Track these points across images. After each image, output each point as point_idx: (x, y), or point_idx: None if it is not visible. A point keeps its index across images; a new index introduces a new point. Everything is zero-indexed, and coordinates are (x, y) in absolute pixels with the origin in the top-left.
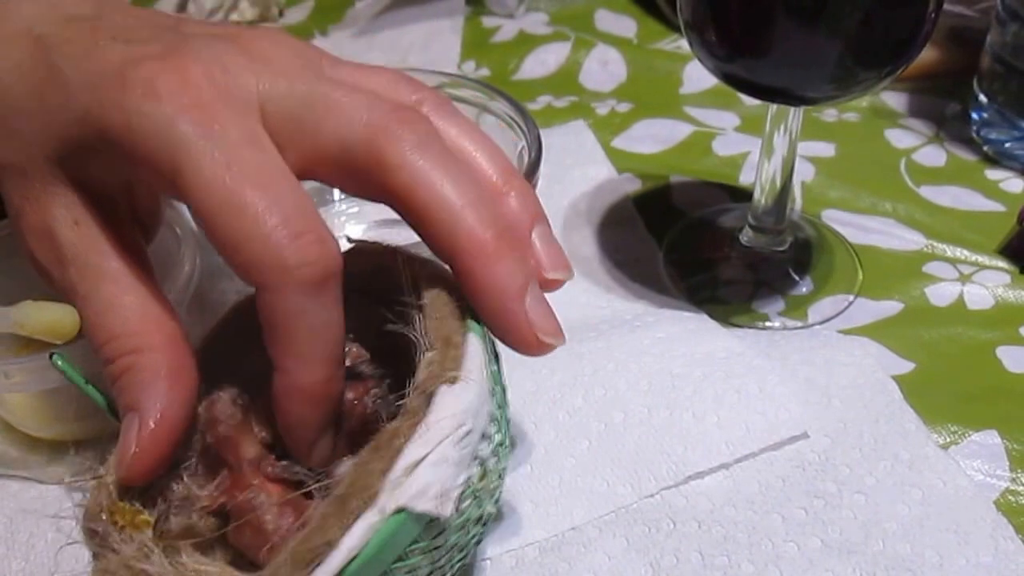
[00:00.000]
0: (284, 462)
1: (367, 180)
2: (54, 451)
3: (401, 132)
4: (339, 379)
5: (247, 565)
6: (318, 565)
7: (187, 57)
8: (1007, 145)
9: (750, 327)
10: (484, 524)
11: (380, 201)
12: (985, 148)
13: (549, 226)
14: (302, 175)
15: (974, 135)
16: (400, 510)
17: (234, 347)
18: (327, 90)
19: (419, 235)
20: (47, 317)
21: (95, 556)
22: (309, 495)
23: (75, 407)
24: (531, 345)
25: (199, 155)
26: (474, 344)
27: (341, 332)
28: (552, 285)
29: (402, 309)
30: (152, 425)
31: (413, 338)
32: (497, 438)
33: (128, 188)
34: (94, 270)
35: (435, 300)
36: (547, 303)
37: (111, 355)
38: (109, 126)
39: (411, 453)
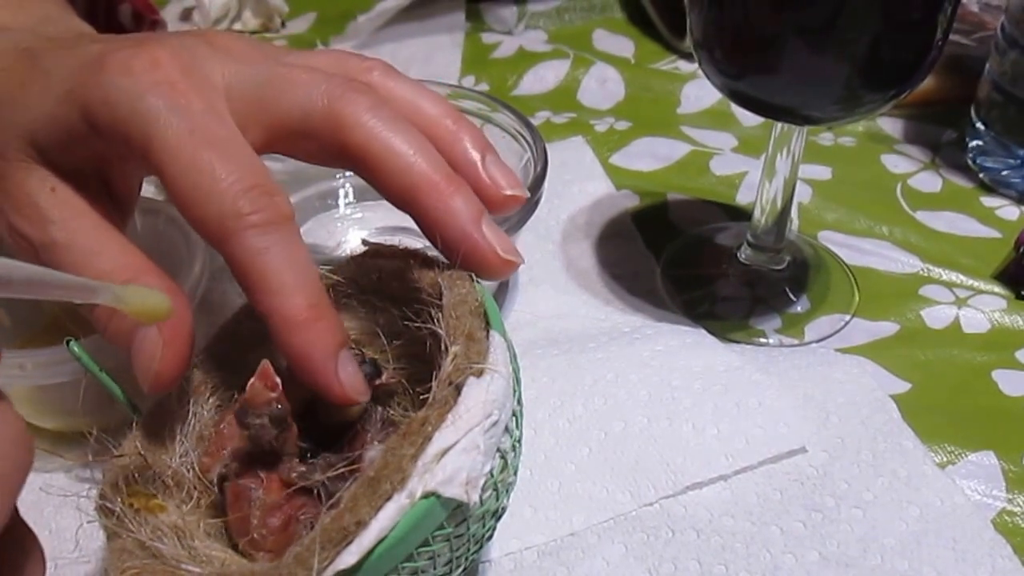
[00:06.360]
0: (303, 468)
1: (327, 142)
2: (55, 442)
3: (355, 98)
4: (325, 306)
5: None
6: (348, 544)
7: (158, 45)
8: (1004, 173)
9: (747, 343)
10: (498, 518)
11: (335, 162)
12: (981, 175)
13: (497, 154)
14: (265, 149)
15: (970, 162)
16: (429, 494)
17: (239, 348)
18: (286, 71)
19: (376, 184)
20: (146, 297)
21: (110, 537)
22: (310, 501)
23: (81, 400)
24: (495, 263)
25: (166, 124)
26: (497, 340)
27: (309, 262)
28: (511, 201)
29: (420, 308)
30: (169, 326)
31: (437, 334)
32: (516, 433)
33: (100, 172)
34: (77, 222)
35: (455, 300)
36: (500, 228)
37: None
38: (89, 101)
39: (441, 440)
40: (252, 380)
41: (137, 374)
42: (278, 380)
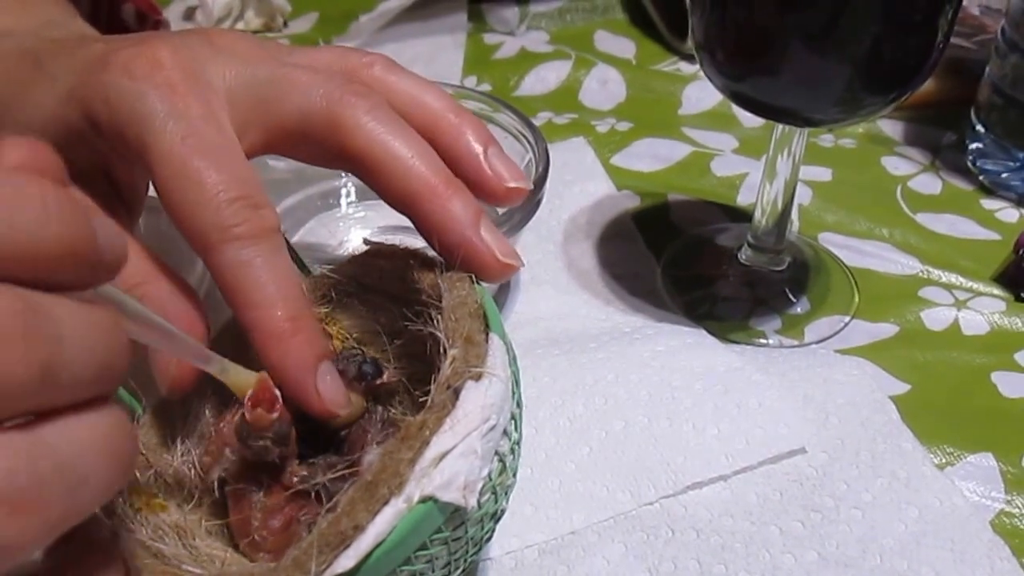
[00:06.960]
0: (304, 471)
1: (326, 145)
2: None
3: (354, 100)
4: (305, 319)
5: None
6: (346, 548)
7: (160, 45)
8: (1003, 176)
9: (747, 344)
10: (497, 520)
11: (334, 164)
12: (981, 178)
13: (500, 147)
14: (265, 150)
15: (970, 165)
16: (427, 499)
17: (239, 348)
18: (287, 72)
19: (375, 187)
20: (246, 376)
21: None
22: (311, 503)
23: None
24: (493, 267)
25: (160, 129)
26: (496, 343)
27: (291, 275)
28: (515, 193)
29: (421, 309)
30: (184, 326)
31: (436, 336)
32: (515, 436)
33: (107, 172)
34: None
35: (455, 301)
36: (499, 232)
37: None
38: (90, 100)
39: (439, 444)
40: (250, 395)
41: (156, 376)
42: (277, 393)
